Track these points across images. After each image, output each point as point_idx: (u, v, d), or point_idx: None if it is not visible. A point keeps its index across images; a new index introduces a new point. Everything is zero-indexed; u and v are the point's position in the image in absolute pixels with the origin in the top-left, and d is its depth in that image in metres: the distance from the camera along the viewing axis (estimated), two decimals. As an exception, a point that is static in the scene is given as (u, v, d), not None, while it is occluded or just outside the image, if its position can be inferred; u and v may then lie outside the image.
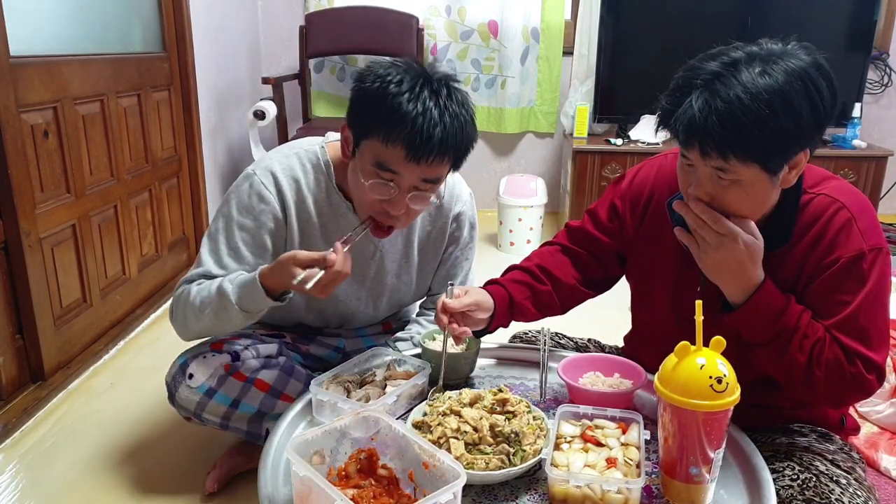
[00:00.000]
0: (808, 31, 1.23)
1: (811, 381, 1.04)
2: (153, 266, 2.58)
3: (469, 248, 1.57)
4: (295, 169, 1.36)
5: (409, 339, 1.51)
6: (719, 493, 0.95)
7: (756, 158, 0.97)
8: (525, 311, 1.28)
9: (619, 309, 1.48)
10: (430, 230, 1.50)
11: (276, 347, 1.53)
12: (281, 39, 3.77)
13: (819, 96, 0.96)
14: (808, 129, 0.97)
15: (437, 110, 1.13)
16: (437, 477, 0.88)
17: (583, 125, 3.39)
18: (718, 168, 0.99)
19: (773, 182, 1.01)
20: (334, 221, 1.39)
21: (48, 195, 1.93)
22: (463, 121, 1.17)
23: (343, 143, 1.29)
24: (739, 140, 0.95)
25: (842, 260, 1.05)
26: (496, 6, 3.61)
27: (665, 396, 0.88)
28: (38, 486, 1.57)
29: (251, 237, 1.34)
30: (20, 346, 1.86)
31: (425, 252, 1.52)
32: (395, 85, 1.14)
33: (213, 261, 1.35)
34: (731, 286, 1.05)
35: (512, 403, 1.05)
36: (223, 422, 1.41)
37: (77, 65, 2.07)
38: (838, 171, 3.22)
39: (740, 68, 0.95)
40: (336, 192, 1.37)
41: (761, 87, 0.93)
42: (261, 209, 1.33)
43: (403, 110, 1.12)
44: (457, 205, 1.50)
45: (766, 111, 0.93)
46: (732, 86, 0.94)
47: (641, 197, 1.26)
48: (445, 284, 1.45)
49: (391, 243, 1.46)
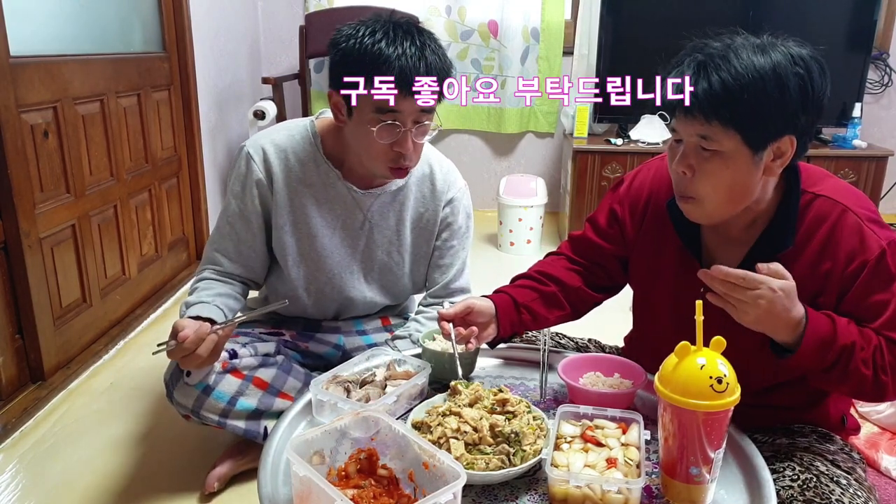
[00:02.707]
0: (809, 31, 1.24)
1: (881, 387, 1.05)
2: (153, 266, 2.58)
3: (464, 237, 1.60)
4: (282, 140, 1.45)
5: (407, 336, 1.52)
6: (719, 494, 0.95)
7: (737, 125, 0.98)
8: (535, 312, 1.27)
9: (619, 309, 1.48)
10: (422, 212, 1.54)
11: (275, 346, 1.53)
12: (281, 39, 3.77)
13: (809, 78, 0.98)
14: (793, 108, 0.98)
15: (414, 47, 1.25)
16: (437, 477, 0.88)
17: (583, 125, 3.39)
18: (701, 136, 1.01)
19: (754, 162, 1.01)
20: (324, 190, 1.45)
21: (48, 195, 1.93)
22: (440, 52, 1.29)
23: (334, 109, 1.36)
24: (724, 101, 0.97)
25: (868, 263, 1.05)
26: (496, 6, 3.61)
27: (665, 396, 0.88)
28: (38, 486, 1.57)
29: (239, 203, 1.45)
30: (20, 346, 1.86)
31: (418, 234, 1.55)
32: (370, 36, 1.24)
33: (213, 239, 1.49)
34: (780, 332, 1.03)
35: (512, 403, 1.05)
36: (221, 419, 1.42)
37: (77, 65, 2.07)
38: (838, 170, 3.22)
39: (739, 47, 0.99)
40: (325, 161, 1.44)
41: (755, 59, 0.98)
42: (247, 175, 1.43)
43: (387, 54, 1.23)
44: (450, 190, 1.54)
45: (755, 76, 0.96)
46: (728, 58, 0.98)
47: (640, 200, 1.26)
48: (441, 274, 1.52)
49: (381, 216, 1.50)
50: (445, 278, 1.58)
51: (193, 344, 1.20)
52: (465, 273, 1.61)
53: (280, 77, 3.34)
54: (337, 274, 1.52)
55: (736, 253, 1.15)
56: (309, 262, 1.49)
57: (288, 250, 1.47)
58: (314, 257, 1.49)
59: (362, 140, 1.32)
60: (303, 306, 1.57)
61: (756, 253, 1.12)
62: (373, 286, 1.57)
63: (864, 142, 3.33)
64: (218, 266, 1.47)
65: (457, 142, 3.91)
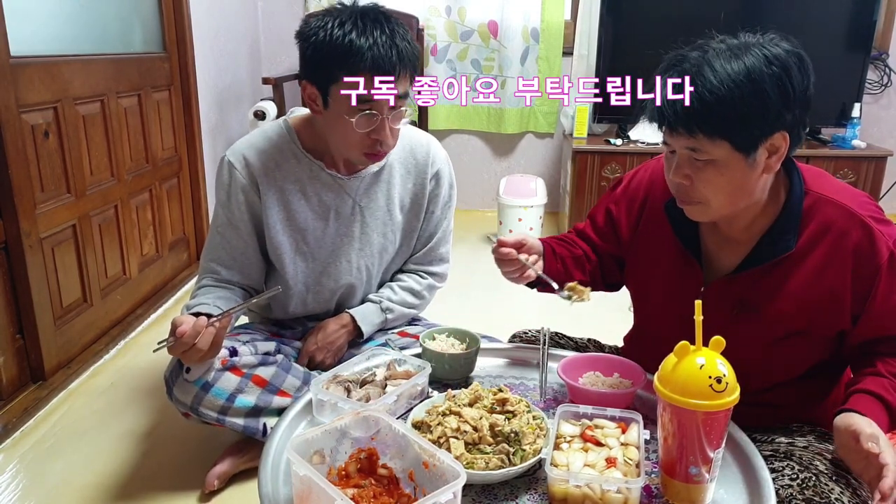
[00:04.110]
0: (808, 31, 1.24)
1: None
2: (153, 266, 2.58)
3: (448, 207, 1.64)
4: (260, 142, 1.47)
5: (378, 302, 1.59)
6: (719, 493, 0.95)
7: (722, 134, 0.99)
8: (567, 265, 1.31)
9: (619, 309, 1.48)
10: (410, 187, 1.57)
11: (275, 345, 1.54)
12: (281, 39, 3.77)
13: (787, 76, 0.98)
14: (775, 108, 0.98)
15: (384, 35, 1.27)
16: (436, 476, 0.88)
17: (583, 125, 3.39)
18: (691, 148, 1.01)
19: (749, 164, 1.02)
20: (310, 183, 1.47)
21: (48, 195, 1.93)
22: (408, 37, 1.31)
23: (308, 101, 1.37)
24: (703, 115, 0.98)
25: (882, 267, 1.06)
26: (496, 6, 3.61)
27: (665, 396, 0.88)
28: (38, 486, 1.58)
29: (227, 212, 1.47)
30: (20, 346, 1.86)
31: (408, 211, 1.58)
32: (339, 27, 1.26)
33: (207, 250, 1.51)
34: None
35: (512, 403, 1.05)
36: (220, 416, 1.42)
37: (77, 65, 2.07)
38: (838, 170, 3.22)
39: (711, 56, 0.99)
40: (305, 155, 1.46)
41: (728, 68, 0.98)
42: (231, 184, 1.45)
43: (358, 45, 1.25)
44: (434, 164, 1.58)
45: (730, 86, 0.96)
46: (702, 69, 0.98)
47: (636, 201, 1.27)
48: (424, 242, 1.62)
49: (370, 198, 1.52)
50: (430, 244, 1.63)
51: (192, 337, 1.21)
52: (448, 241, 1.67)
53: (280, 77, 3.33)
54: (332, 262, 1.53)
55: (736, 254, 1.15)
56: (304, 257, 1.51)
57: (283, 248, 1.48)
58: (308, 251, 1.50)
59: (339, 129, 1.34)
60: (303, 303, 1.57)
61: (757, 255, 1.12)
62: (372, 269, 1.59)
63: (864, 142, 3.33)
64: (215, 275, 1.48)
65: (457, 142, 3.91)
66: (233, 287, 1.48)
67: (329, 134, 1.39)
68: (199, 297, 1.40)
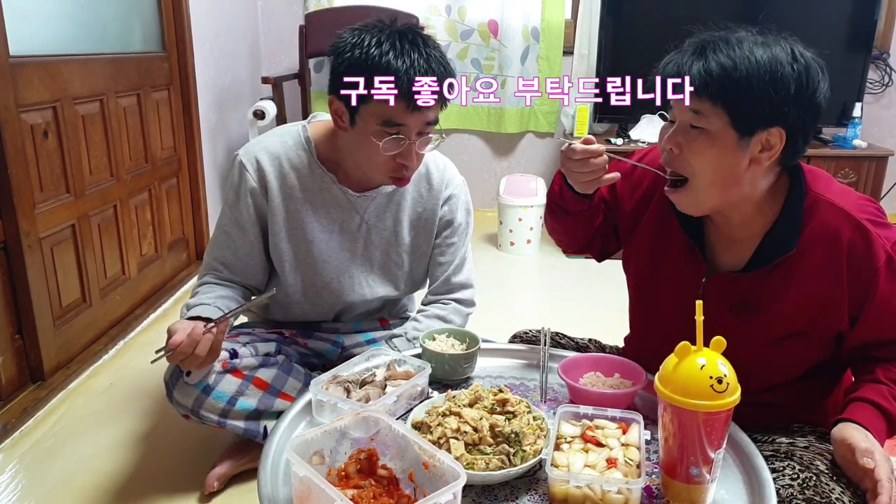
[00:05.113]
0: (809, 31, 1.24)
1: None
2: (153, 266, 2.58)
3: (464, 233, 1.60)
4: (275, 147, 1.44)
5: (403, 334, 1.52)
6: (719, 493, 0.95)
7: (726, 103, 1.01)
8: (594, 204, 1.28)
9: (619, 309, 1.48)
10: (420, 211, 1.53)
11: (275, 346, 1.53)
12: (281, 39, 3.76)
13: (806, 73, 1.01)
14: (783, 97, 1.00)
15: (422, 59, 1.24)
16: (437, 477, 0.88)
17: (583, 125, 3.39)
18: (693, 111, 1.03)
19: (740, 147, 1.03)
20: (319, 195, 1.45)
21: (48, 195, 1.93)
22: (444, 61, 1.29)
23: (335, 116, 1.34)
24: (718, 79, 1.00)
25: (880, 270, 1.06)
26: (496, 6, 3.61)
27: (665, 396, 0.88)
28: (38, 486, 1.57)
29: (234, 212, 1.44)
30: (20, 346, 1.86)
31: (417, 234, 1.55)
32: (376, 47, 1.22)
33: (211, 248, 1.49)
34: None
35: (512, 403, 1.05)
36: (220, 419, 1.42)
37: (77, 65, 2.07)
38: (838, 170, 3.22)
39: (742, 38, 1.03)
40: (318, 166, 1.43)
41: (756, 50, 1.01)
42: (240, 185, 1.43)
43: (395, 67, 1.21)
44: (447, 188, 1.54)
45: (752, 63, 1.00)
46: (730, 43, 1.02)
47: (641, 185, 1.27)
48: (442, 270, 1.55)
49: (378, 217, 1.50)
50: (446, 274, 1.58)
51: (188, 347, 1.21)
52: (466, 267, 1.61)
53: (280, 77, 3.33)
54: (335, 278, 1.51)
55: (738, 254, 1.15)
56: (306, 268, 1.49)
57: (284, 257, 1.47)
58: (311, 263, 1.49)
59: (364, 150, 1.31)
60: (302, 311, 1.57)
61: (761, 255, 1.12)
62: (372, 287, 1.57)
63: (865, 142, 3.33)
64: (218, 272, 1.48)
65: (457, 142, 3.91)
66: (235, 286, 1.47)
67: (353, 152, 1.37)
68: (200, 296, 1.40)
